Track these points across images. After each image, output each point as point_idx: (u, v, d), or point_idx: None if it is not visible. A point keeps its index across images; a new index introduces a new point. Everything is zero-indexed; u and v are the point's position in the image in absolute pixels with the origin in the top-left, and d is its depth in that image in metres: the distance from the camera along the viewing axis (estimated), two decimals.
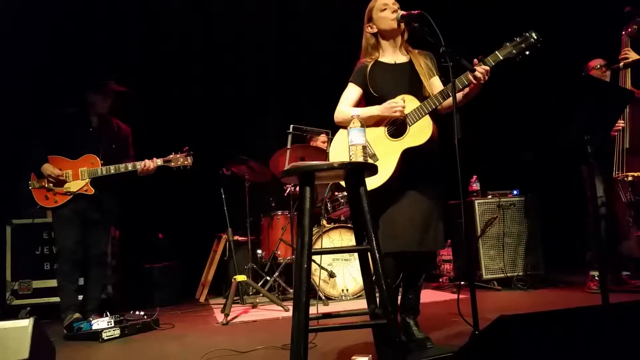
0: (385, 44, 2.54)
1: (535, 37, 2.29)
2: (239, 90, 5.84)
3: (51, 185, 3.49)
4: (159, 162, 3.58)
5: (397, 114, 2.33)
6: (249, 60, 5.88)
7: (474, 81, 2.28)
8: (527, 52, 2.30)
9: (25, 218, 4.34)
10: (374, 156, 2.37)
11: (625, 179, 3.50)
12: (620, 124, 3.53)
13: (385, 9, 2.47)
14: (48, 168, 3.48)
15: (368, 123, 2.36)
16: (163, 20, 5.50)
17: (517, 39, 2.32)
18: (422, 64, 2.51)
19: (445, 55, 2.19)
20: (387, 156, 2.35)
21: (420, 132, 2.34)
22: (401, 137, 2.38)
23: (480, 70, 2.26)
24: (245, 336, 3.11)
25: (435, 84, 2.50)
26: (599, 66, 3.80)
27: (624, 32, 3.60)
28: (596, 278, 3.72)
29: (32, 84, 4.82)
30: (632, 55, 3.55)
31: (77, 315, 3.47)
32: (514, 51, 2.30)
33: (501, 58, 2.30)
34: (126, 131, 3.82)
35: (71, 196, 3.49)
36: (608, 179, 3.63)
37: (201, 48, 5.75)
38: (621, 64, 3.57)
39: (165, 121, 5.39)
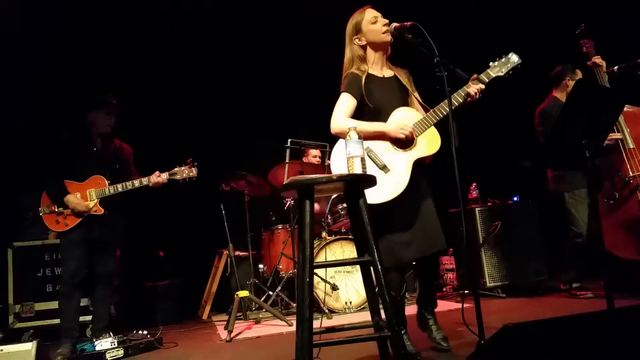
0: (373, 57, 2.56)
1: (517, 60, 2.50)
2: (235, 105, 5.83)
3: (61, 209, 3.44)
4: (165, 176, 3.58)
5: (403, 136, 2.38)
6: (243, 74, 5.88)
7: (472, 94, 2.40)
8: (511, 73, 2.51)
9: (26, 240, 4.31)
10: (384, 167, 2.38)
11: None
12: (616, 135, 3.57)
13: (376, 22, 2.50)
14: (73, 200, 3.41)
15: (373, 137, 2.41)
16: (157, 34, 5.51)
17: (501, 60, 2.50)
18: (406, 78, 2.60)
19: (440, 65, 2.22)
20: (399, 167, 2.39)
21: (431, 142, 2.45)
22: (410, 148, 2.43)
23: (477, 88, 2.41)
24: (249, 353, 3.09)
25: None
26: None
27: (584, 48, 3.76)
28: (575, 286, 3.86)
29: (30, 107, 4.82)
30: (602, 62, 3.66)
31: (67, 351, 3.34)
32: (502, 70, 2.49)
33: (493, 76, 2.48)
34: (128, 151, 3.81)
35: (81, 218, 3.45)
36: (592, 202, 3.61)
37: (195, 63, 5.75)
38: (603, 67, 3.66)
39: (162, 139, 5.37)
